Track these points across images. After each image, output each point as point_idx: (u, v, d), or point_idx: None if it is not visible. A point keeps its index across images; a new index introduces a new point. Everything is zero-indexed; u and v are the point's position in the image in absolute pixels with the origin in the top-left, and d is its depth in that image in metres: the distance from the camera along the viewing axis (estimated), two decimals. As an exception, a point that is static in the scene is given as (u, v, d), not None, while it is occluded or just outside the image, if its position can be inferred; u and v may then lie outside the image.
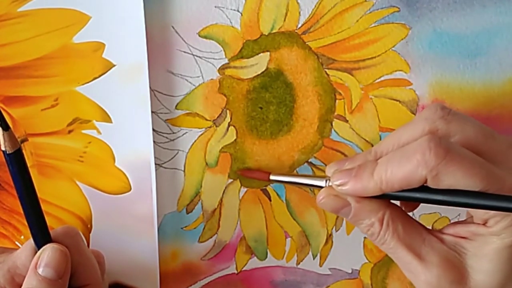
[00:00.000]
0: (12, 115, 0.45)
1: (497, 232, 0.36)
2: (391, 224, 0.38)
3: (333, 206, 0.39)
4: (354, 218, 0.39)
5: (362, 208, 0.38)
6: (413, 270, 0.38)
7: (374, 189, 0.37)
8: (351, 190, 0.38)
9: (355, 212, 0.38)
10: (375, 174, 0.37)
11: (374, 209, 0.38)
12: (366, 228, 0.39)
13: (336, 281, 0.50)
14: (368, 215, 0.38)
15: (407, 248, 0.38)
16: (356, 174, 0.38)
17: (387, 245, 0.38)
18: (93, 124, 0.45)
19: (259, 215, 0.48)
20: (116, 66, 0.44)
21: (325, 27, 0.44)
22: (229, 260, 0.49)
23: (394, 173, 0.36)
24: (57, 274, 0.39)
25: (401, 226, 0.38)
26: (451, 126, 0.37)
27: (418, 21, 0.44)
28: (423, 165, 0.35)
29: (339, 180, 0.39)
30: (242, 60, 0.45)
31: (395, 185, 0.36)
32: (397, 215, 0.38)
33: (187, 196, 0.47)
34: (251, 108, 0.46)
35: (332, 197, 0.39)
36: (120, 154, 0.46)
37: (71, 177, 0.46)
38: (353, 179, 0.38)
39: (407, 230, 0.38)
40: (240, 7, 0.44)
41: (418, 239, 0.38)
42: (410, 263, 0.38)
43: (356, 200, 0.38)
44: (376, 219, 0.38)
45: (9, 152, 0.37)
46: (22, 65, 0.43)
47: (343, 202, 0.39)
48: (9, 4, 0.42)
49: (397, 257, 0.39)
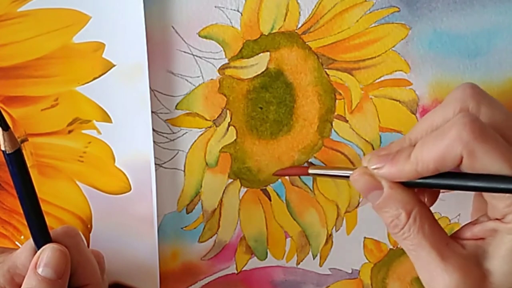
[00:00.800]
0: (12, 115, 0.45)
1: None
2: (418, 220, 0.37)
3: (365, 185, 0.39)
4: (382, 204, 0.38)
5: (393, 196, 0.38)
6: (432, 271, 0.37)
7: (410, 171, 0.36)
8: (387, 173, 0.38)
9: (385, 198, 0.38)
10: (412, 155, 0.36)
11: (405, 200, 0.37)
12: (390, 219, 0.38)
13: (336, 281, 0.50)
14: (397, 204, 0.37)
15: (431, 247, 0.37)
16: (393, 157, 0.37)
17: (409, 241, 0.38)
18: (93, 124, 0.45)
19: (259, 215, 0.48)
20: (116, 66, 0.44)
21: (325, 27, 0.44)
22: (229, 260, 0.49)
23: (430, 152, 0.35)
24: (57, 274, 0.39)
25: (427, 224, 0.37)
26: (482, 107, 0.37)
27: (418, 21, 0.44)
28: (459, 141, 0.34)
29: (376, 163, 0.38)
30: (242, 60, 0.45)
31: (430, 165, 0.35)
32: (425, 214, 0.38)
33: (187, 196, 0.47)
34: (251, 108, 0.46)
35: (367, 176, 0.39)
36: (120, 154, 0.46)
37: (71, 177, 0.46)
38: (390, 162, 0.38)
39: (433, 229, 0.37)
40: (240, 7, 0.44)
41: (442, 241, 0.37)
42: (430, 263, 0.37)
43: (390, 186, 0.38)
44: (404, 211, 0.37)
45: (9, 152, 0.37)
46: (22, 65, 0.43)
47: (376, 184, 0.38)
48: (9, 4, 0.42)
49: (417, 255, 0.38)
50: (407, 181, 0.37)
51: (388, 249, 0.49)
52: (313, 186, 0.48)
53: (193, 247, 0.49)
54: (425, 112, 0.46)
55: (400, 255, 0.50)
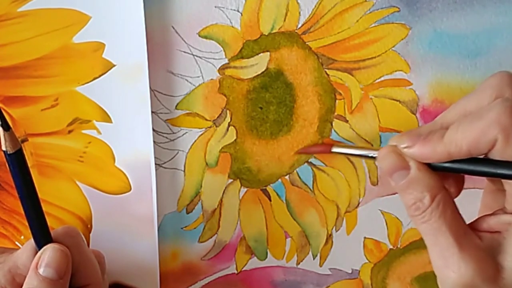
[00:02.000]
0: (12, 115, 0.45)
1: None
2: (442, 205, 0.36)
3: (392, 164, 0.38)
4: (406, 185, 0.37)
5: (420, 178, 0.37)
6: (448, 257, 0.36)
7: (441, 152, 0.36)
8: (418, 152, 0.37)
9: (411, 179, 0.37)
10: (446, 136, 0.36)
11: (431, 184, 0.37)
12: (412, 201, 0.37)
13: (336, 281, 0.50)
14: (422, 187, 0.37)
15: (450, 233, 0.36)
16: (426, 137, 0.37)
17: (429, 225, 0.37)
18: (93, 124, 0.45)
19: (259, 215, 0.48)
20: (116, 66, 0.44)
21: (325, 27, 0.44)
22: (229, 260, 0.49)
23: (465, 133, 0.35)
24: (58, 274, 0.39)
25: (450, 211, 0.37)
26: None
27: (418, 21, 0.44)
28: (496, 124, 0.33)
29: (407, 142, 0.37)
30: (242, 60, 0.45)
31: (463, 147, 0.35)
32: (448, 200, 0.37)
33: (187, 196, 0.47)
34: (251, 108, 0.46)
35: (395, 154, 0.38)
36: (120, 154, 0.46)
37: (71, 177, 0.46)
38: (421, 141, 0.37)
39: (454, 217, 0.37)
40: (240, 7, 0.44)
41: (461, 230, 0.37)
42: (447, 250, 0.36)
43: (418, 167, 0.37)
44: (429, 195, 0.36)
45: (10, 153, 0.37)
46: (22, 65, 0.43)
47: (404, 163, 0.37)
48: (9, 4, 0.42)
49: (434, 240, 0.37)
50: (435, 163, 0.37)
51: (388, 249, 0.49)
52: (313, 186, 0.48)
53: (193, 247, 0.49)
54: (425, 112, 0.46)
55: (400, 255, 0.50)
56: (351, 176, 0.48)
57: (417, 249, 0.49)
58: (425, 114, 0.46)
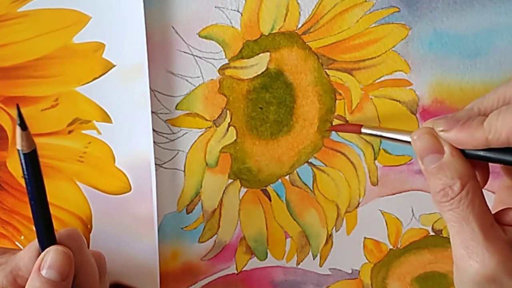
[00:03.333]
0: (12, 115, 0.45)
1: None
2: (471, 193, 0.36)
3: (426, 145, 0.37)
4: (437, 169, 0.36)
5: (453, 163, 0.36)
6: (472, 247, 0.35)
7: (480, 138, 0.35)
8: (455, 136, 0.36)
9: (443, 164, 0.36)
10: (486, 122, 0.35)
11: (463, 171, 0.36)
12: (441, 186, 0.36)
13: (336, 281, 0.50)
14: (454, 173, 0.36)
15: (477, 222, 0.35)
16: (464, 122, 0.36)
17: (456, 213, 0.36)
18: (93, 125, 0.45)
19: (259, 215, 0.48)
20: (116, 66, 0.44)
21: (325, 28, 0.44)
22: (229, 260, 0.49)
23: (505, 120, 0.34)
24: (61, 276, 0.39)
25: (478, 200, 0.36)
26: None
27: (418, 21, 0.44)
28: None
29: (444, 126, 0.36)
30: (242, 60, 0.45)
31: (503, 134, 0.34)
32: (477, 189, 0.36)
33: (187, 196, 0.47)
34: (251, 108, 0.46)
35: (430, 136, 0.37)
36: (120, 155, 0.46)
37: (71, 177, 0.46)
38: (460, 126, 0.36)
39: (483, 207, 0.36)
40: (240, 7, 0.44)
41: (488, 220, 0.36)
42: (472, 240, 0.35)
43: (452, 152, 0.36)
44: (460, 182, 0.36)
45: (26, 152, 0.37)
46: (22, 65, 0.43)
47: (438, 146, 0.36)
48: (9, 4, 0.42)
49: (460, 229, 0.36)
50: (470, 150, 0.36)
51: (388, 249, 0.49)
52: (313, 186, 0.48)
53: (193, 247, 0.49)
54: (425, 112, 0.46)
55: (400, 255, 0.50)
56: (351, 176, 0.48)
57: (417, 249, 0.49)
58: (425, 114, 0.46)
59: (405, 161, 0.47)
